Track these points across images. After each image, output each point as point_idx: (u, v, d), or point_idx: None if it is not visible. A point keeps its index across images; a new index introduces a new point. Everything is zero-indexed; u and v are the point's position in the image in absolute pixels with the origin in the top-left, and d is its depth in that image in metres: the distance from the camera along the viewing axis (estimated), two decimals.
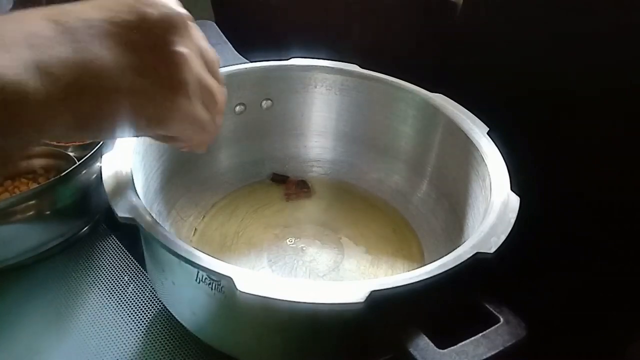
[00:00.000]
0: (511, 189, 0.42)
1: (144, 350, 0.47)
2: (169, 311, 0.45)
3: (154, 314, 0.50)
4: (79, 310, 0.50)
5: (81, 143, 0.61)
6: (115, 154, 0.43)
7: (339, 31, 0.67)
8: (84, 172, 0.53)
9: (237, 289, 0.32)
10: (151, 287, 0.52)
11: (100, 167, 0.43)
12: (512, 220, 0.39)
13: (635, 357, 0.47)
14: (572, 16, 0.47)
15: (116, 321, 0.49)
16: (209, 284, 0.37)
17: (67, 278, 0.53)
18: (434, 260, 0.36)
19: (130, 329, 0.49)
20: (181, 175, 0.55)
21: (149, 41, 0.30)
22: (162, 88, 0.31)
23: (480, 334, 0.34)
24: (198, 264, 0.34)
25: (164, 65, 0.30)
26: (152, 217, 0.37)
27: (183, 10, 0.32)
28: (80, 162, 0.52)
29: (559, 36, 0.48)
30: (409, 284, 0.34)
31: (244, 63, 0.57)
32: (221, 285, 0.36)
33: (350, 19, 0.66)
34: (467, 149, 0.49)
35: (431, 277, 0.34)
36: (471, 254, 0.36)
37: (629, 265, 0.47)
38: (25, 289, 0.51)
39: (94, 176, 0.53)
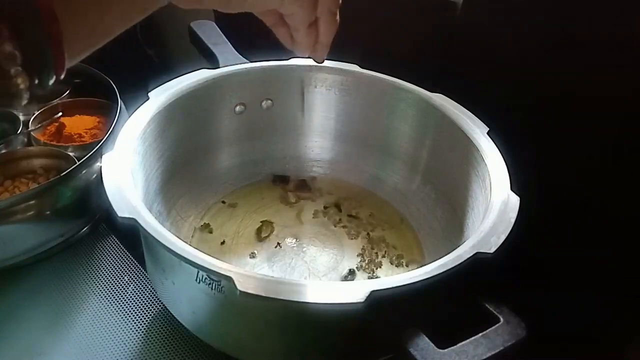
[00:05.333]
0: (511, 189, 0.42)
1: (144, 350, 0.47)
2: (169, 311, 0.45)
3: (154, 314, 0.50)
4: (79, 310, 0.50)
5: (81, 143, 0.61)
6: (115, 154, 0.43)
7: (339, 31, 0.67)
8: (84, 172, 0.53)
9: (237, 289, 0.32)
10: (151, 287, 0.52)
11: (100, 167, 0.43)
12: (512, 220, 0.39)
13: (634, 357, 0.47)
14: (572, 16, 0.47)
15: (116, 321, 0.49)
16: (209, 284, 0.37)
17: (67, 278, 0.53)
18: (434, 260, 0.36)
19: (130, 329, 0.49)
20: (181, 175, 0.55)
21: None
22: None
23: (480, 334, 0.34)
24: (198, 264, 0.34)
25: None
26: (152, 217, 0.37)
27: None
28: (80, 162, 0.52)
29: (558, 36, 0.48)
30: (409, 284, 0.34)
31: (244, 63, 0.57)
32: (221, 285, 0.36)
33: (350, 19, 0.66)
34: (467, 149, 0.49)
35: (431, 277, 0.34)
36: (471, 254, 0.36)
37: (629, 266, 0.47)
38: (25, 289, 0.51)
39: (94, 176, 0.53)
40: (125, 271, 0.54)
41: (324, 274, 0.52)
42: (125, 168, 0.42)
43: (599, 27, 0.46)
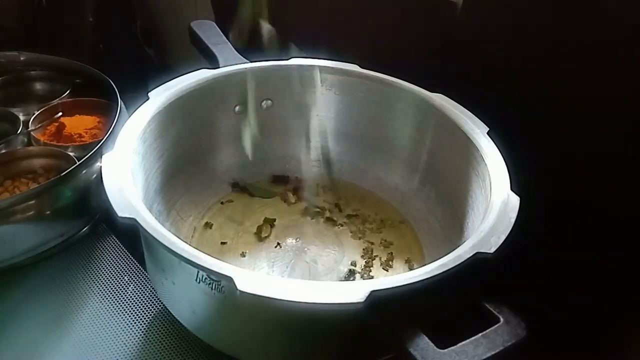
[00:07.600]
0: (511, 189, 0.42)
1: (144, 350, 0.47)
2: (169, 311, 0.45)
3: (154, 314, 0.50)
4: (79, 310, 0.50)
5: (81, 143, 0.61)
6: (115, 154, 0.43)
7: (339, 31, 0.67)
8: (84, 172, 0.53)
9: (237, 289, 0.32)
10: (151, 287, 0.52)
11: (100, 167, 0.43)
12: (512, 220, 0.39)
13: (634, 357, 0.47)
14: (572, 16, 0.47)
15: (116, 321, 0.49)
16: (209, 284, 0.37)
17: (67, 278, 0.53)
18: (434, 260, 0.36)
19: (130, 329, 0.49)
20: (181, 175, 0.55)
21: None
22: None
23: (480, 334, 0.34)
24: (198, 264, 0.34)
25: None
26: (152, 217, 0.37)
27: None
28: (80, 162, 0.52)
29: (559, 36, 0.48)
30: (409, 284, 0.34)
31: (244, 63, 0.57)
32: (221, 285, 0.36)
33: (350, 19, 0.66)
34: (467, 149, 0.49)
35: (431, 277, 0.34)
36: (471, 254, 0.36)
37: (629, 266, 0.47)
38: (25, 289, 0.51)
39: (94, 176, 0.53)
40: (125, 271, 0.54)
41: (324, 274, 0.52)
42: (125, 168, 0.42)
43: (599, 27, 0.46)
